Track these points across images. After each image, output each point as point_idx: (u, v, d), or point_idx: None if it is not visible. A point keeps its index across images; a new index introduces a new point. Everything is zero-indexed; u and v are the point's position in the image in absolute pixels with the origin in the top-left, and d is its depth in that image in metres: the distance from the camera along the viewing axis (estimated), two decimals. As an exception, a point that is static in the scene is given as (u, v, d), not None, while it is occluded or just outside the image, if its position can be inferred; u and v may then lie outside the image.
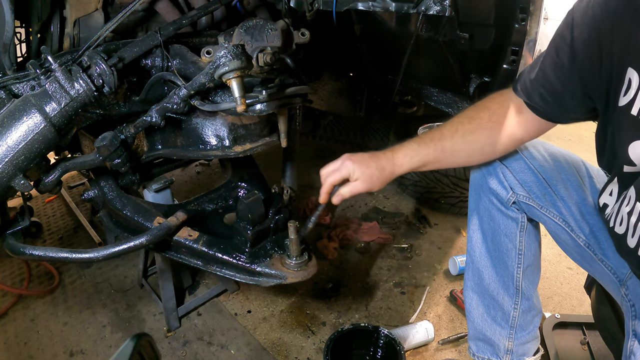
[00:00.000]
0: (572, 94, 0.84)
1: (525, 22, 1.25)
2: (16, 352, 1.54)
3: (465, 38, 1.45)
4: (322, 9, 1.59)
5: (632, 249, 0.78)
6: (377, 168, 1.00)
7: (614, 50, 0.73)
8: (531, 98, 0.90)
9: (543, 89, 0.87)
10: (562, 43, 0.82)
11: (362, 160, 1.01)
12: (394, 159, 1.01)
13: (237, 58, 1.01)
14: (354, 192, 1.02)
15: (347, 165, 1.01)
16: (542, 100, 0.89)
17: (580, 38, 0.78)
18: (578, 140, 3.23)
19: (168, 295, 1.55)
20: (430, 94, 1.90)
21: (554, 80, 0.85)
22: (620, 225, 0.81)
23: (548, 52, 0.86)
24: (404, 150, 1.01)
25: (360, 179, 1.01)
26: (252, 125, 1.28)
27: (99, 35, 1.11)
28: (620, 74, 0.73)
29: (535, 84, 0.88)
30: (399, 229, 2.16)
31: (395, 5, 1.47)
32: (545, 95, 0.88)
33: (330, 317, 1.67)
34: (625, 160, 0.76)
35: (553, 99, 0.87)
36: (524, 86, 0.91)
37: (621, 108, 0.74)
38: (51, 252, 1.12)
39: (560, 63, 0.83)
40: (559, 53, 0.83)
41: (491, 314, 1.16)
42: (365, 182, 1.01)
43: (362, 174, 1.00)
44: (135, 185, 1.37)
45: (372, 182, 1.01)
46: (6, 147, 0.95)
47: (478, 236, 1.13)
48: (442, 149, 0.99)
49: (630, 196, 0.78)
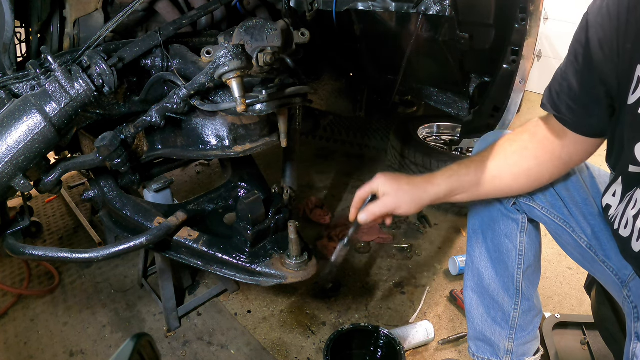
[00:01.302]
0: (595, 98, 0.81)
1: (525, 22, 1.25)
2: (16, 352, 1.54)
3: (465, 38, 1.45)
4: (322, 9, 1.59)
5: (636, 253, 0.77)
6: (408, 183, 0.95)
7: (626, 46, 0.72)
8: (559, 110, 0.86)
9: (569, 98, 0.84)
10: (579, 46, 0.80)
11: (394, 177, 0.97)
12: (431, 178, 0.96)
13: (237, 58, 1.01)
14: (382, 209, 0.96)
15: (377, 179, 0.97)
16: (570, 111, 0.84)
17: (595, 37, 0.76)
18: (578, 140, 3.22)
19: (168, 295, 1.55)
20: (430, 94, 1.90)
21: (577, 87, 0.82)
22: (625, 228, 0.80)
23: (568, 59, 0.83)
24: (442, 171, 0.96)
25: (387, 194, 0.95)
26: (252, 125, 1.28)
27: (99, 35, 1.11)
28: (629, 71, 0.72)
29: (562, 95, 0.85)
30: (399, 229, 2.16)
31: (395, 5, 1.47)
32: (571, 105, 0.84)
33: (330, 317, 1.67)
34: (630, 160, 0.75)
35: (580, 108, 0.83)
36: (551, 100, 0.87)
37: (629, 106, 0.73)
38: (51, 252, 1.12)
39: (579, 68, 0.81)
40: (577, 58, 0.81)
41: (491, 314, 1.16)
42: (392, 198, 0.95)
43: (389, 188, 0.95)
44: (135, 185, 1.37)
45: (400, 198, 0.94)
46: (6, 147, 0.95)
47: (478, 236, 1.13)
48: (483, 170, 0.93)
49: (637, 199, 0.77)
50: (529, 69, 1.34)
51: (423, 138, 2.55)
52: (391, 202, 0.95)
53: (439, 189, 0.95)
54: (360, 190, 1.00)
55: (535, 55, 1.32)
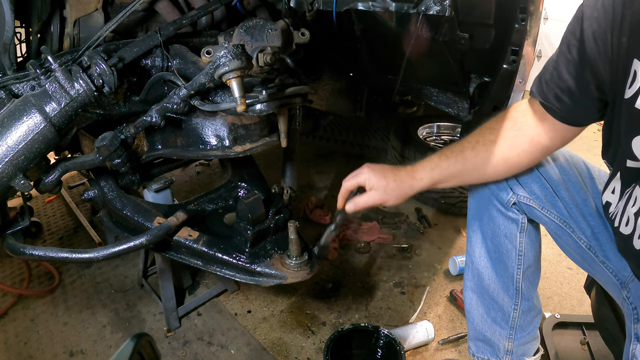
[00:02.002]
0: (585, 90, 0.82)
1: (525, 22, 1.25)
2: (16, 352, 1.54)
3: (465, 38, 1.45)
4: (322, 9, 1.59)
5: (637, 250, 0.78)
6: (395, 179, 0.98)
7: (622, 40, 0.72)
8: (547, 99, 0.87)
9: (558, 88, 0.85)
10: (572, 38, 0.80)
11: (381, 171, 0.99)
12: (414, 172, 0.98)
13: (237, 58, 1.01)
14: (369, 203, 1.00)
15: (364, 172, 1.00)
16: (558, 101, 0.86)
17: (589, 30, 0.76)
18: (578, 140, 3.20)
19: (168, 295, 1.55)
20: (430, 94, 1.90)
21: (567, 77, 0.83)
22: (626, 225, 0.80)
23: (560, 49, 0.84)
24: (424, 164, 0.98)
25: (375, 188, 0.98)
26: (252, 125, 1.28)
27: (99, 35, 1.11)
28: (626, 65, 0.72)
29: (551, 84, 0.86)
30: (399, 229, 2.16)
31: (395, 5, 1.47)
32: (560, 95, 0.85)
33: (330, 317, 1.67)
34: (628, 155, 0.75)
35: (568, 98, 0.84)
36: (540, 88, 0.88)
37: (626, 100, 0.73)
38: (51, 252, 1.12)
39: (571, 59, 0.81)
40: (570, 49, 0.81)
41: (491, 314, 1.15)
42: (380, 193, 0.98)
43: (377, 183, 0.98)
44: (135, 185, 1.37)
45: (388, 194, 0.98)
46: (6, 147, 0.95)
47: (478, 237, 1.13)
48: (463, 161, 0.96)
49: (636, 196, 0.77)
50: (529, 69, 1.34)
51: (423, 138, 2.55)
52: (379, 197, 0.99)
53: (422, 184, 0.99)
54: (347, 182, 1.02)
55: (535, 55, 1.32)
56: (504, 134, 0.93)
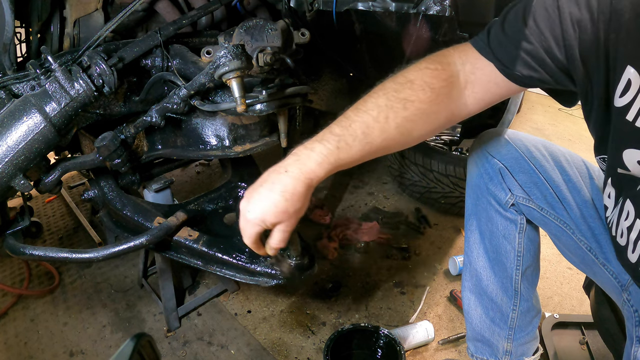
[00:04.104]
0: (542, 58, 0.74)
1: (525, 22, 1.25)
2: (16, 352, 1.54)
3: (465, 38, 1.45)
4: (322, 9, 1.59)
5: (632, 264, 0.77)
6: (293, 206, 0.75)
7: (610, 36, 0.66)
8: (516, 68, 0.76)
9: (510, 43, 0.75)
10: (542, 10, 0.71)
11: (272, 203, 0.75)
12: (310, 180, 0.74)
13: (237, 58, 1.01)
14: (287, 235, 0.79)
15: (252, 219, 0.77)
16: (528, 68, 0.76)
17: (567, 11, 0.68)
18: (578, 140, 3.23)
19: (168, 295, 1.55)
20: (430, 94, 1.89)
21: (525, 40, 0.73)
22: (621, 237, 0.79)
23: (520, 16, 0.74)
24: (316, 157, 0.74)
25: (280, 221, 0.76)
26: (252, 125, 1.28)
27: (99, 35, 1.11)
28: (618, 69, 0.67)
29: (522, 53, 0.75)
30: (399, 229, 2.16)
31: (395, 5, 1.47)
32: (532, 63, 0.75)
33: (330, 317, 1.67)
34: (619, 164, 0.73)
35: (539, 65, 0.75)
36: (508, 56, 0.76)
37: (618, 109, 0.70)
38: (51, 252, 1.12)
39: (535, 30, 0.72)
40: (536, 20, 0.72)
41: (489, 315, 1.15)
42: (289, 221, 0.77)
43: (276, 219, 0.75)
44: (135, 185, 1.37)
45: (295, 217, 0.77)
46: (6, 147, 0.95)
47: (476, 237, 1.12)
48: (370, 145, 0.77)
49: (629, 211, 0.75)
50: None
51: (423, 138, 2.54)
52: (290, 225, 0.78)
53: (318, 179, 0.76)
54: (249, 239, 0.80)
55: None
56: (423, 110, 0.78)
